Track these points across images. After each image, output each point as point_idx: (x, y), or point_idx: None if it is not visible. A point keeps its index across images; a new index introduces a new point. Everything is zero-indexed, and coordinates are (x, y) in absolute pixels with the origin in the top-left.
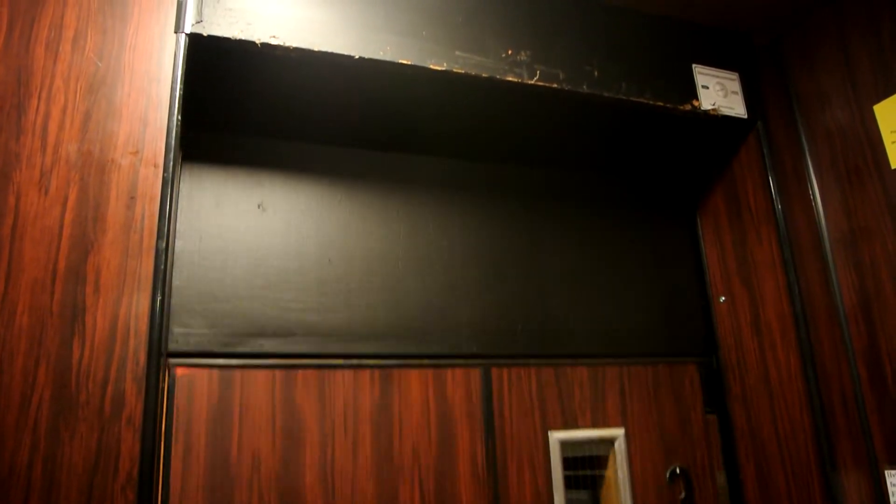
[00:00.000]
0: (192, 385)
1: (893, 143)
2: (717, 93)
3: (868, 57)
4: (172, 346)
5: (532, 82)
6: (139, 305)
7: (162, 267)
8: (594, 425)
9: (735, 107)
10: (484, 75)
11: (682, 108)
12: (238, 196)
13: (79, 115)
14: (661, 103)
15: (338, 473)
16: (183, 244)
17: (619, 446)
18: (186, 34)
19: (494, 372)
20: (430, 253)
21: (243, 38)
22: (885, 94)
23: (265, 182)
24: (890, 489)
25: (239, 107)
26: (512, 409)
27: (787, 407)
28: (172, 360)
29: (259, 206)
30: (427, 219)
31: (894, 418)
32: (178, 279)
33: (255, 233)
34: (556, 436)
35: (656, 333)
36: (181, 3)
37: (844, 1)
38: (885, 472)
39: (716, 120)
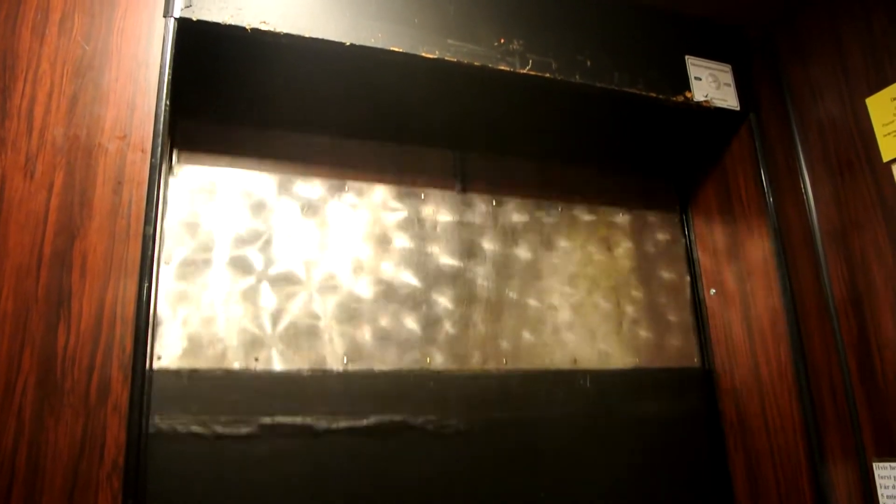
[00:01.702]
0: None
1: (885, 136)
2: (710, 84)
3: (860, 50)
4: None
5: (524, 71)
6: (126, 291)
7: (149, 253)
8: None
9: (727, 98)
10: (476, 64)
11: (674, 99)
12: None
13: (65, 99)
14: (653, 94)
15: None
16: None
17: None
18: (175, 18)
19: None
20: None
21: (233, 23)
22: (878, 87)
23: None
24: (878, 481)
25: (229, 93)
26: None
27: (777, 400)
28: None
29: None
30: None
31: (883, 411)
32: None
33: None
34: None
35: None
36: None
37: None
38: (873, 464)
39: (708, 112)
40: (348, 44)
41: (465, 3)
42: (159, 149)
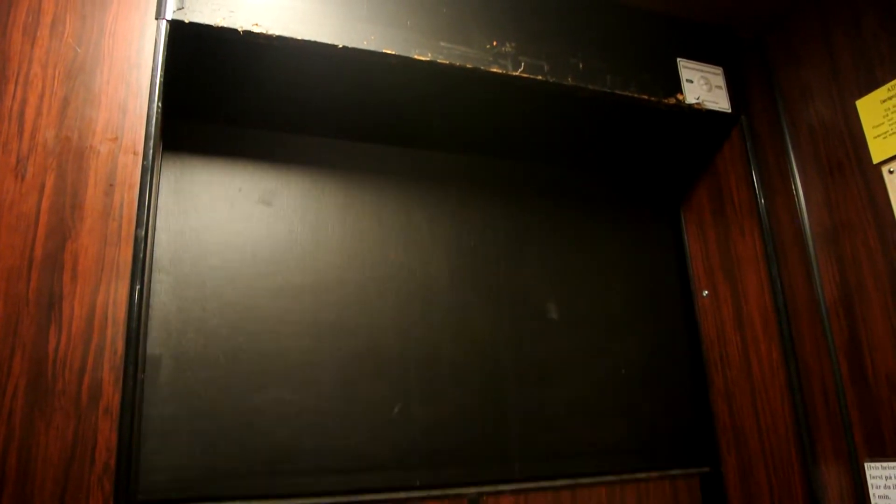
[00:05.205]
0: None
1: (875, 138)
2: (702, 87)
3: (851, 52)
4: None
5: (517, 74)
6: (118, 294)
7: (141, 255)
8: None
9: (719, 101)
10: (468, 66)
11: (666, 101)
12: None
13: (56, 101)
14: (645, 96)
15: None
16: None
17: None
18: (167, 21)
19: None
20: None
21: (225, 25)
22: (868, 90)
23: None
24: (870, 481)
25: (222, 95)
26: None
27: (769, 401)
28: None
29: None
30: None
31: (874, 411)
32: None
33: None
34: None
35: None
36: None
37: None
38: (865, 464)
39: (700, 114)
40: (341, 46)
41: (457, 6)
42: (151, 151)
